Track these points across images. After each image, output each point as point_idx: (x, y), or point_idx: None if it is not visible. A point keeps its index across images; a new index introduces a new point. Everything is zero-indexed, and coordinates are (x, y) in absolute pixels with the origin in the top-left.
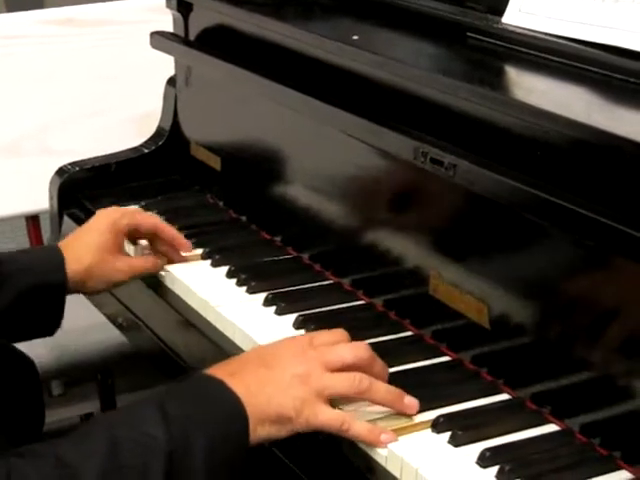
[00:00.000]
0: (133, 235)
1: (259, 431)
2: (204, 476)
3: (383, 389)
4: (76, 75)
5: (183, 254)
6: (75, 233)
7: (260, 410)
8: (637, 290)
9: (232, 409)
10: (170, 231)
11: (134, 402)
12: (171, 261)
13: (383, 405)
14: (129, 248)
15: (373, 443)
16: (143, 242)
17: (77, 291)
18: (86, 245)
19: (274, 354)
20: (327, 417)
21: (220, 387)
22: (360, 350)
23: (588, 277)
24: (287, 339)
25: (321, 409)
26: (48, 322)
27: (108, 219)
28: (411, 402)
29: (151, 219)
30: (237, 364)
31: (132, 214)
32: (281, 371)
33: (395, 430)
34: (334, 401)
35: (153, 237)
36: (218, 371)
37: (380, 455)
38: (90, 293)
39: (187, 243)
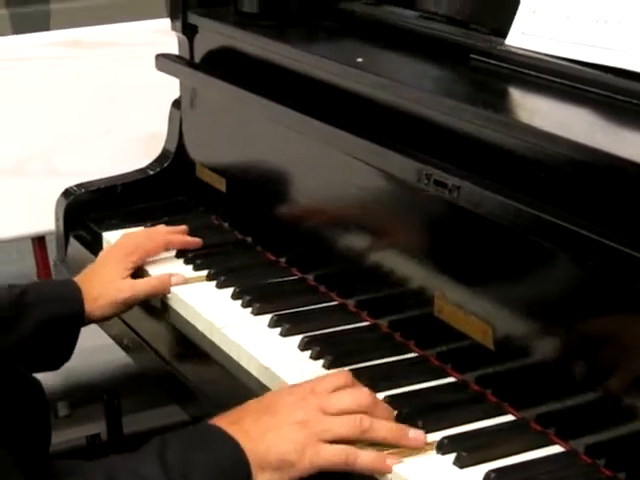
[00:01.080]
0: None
1: (260, 477)
2: None
3: (385, 427)
4: (82, 96)
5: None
6: (88, 269)
7: (260, 457)
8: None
9: (233, 456)
10: (180, 240)
11: (135, 452)
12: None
13: (385, 442)
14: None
15: (382, 471)
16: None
17: (90, 322)
18: (99, 280)
19: (276, 401)
20: (331, 453)
21: (220, 434)
22: (362, 396)
23: (592, 299)
24: (290, 386)
25: (323, 447)
26: (60, 354)
27: (120, 253)
28: (417, 435)
29: (160, 247)
30: (238, 413)
31: (144, 250)
32: (281, 418)
33: (400, 452)
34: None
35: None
36: (219, 420)
37: (386, 478)
38: (100, 320)
39: (196, 240)
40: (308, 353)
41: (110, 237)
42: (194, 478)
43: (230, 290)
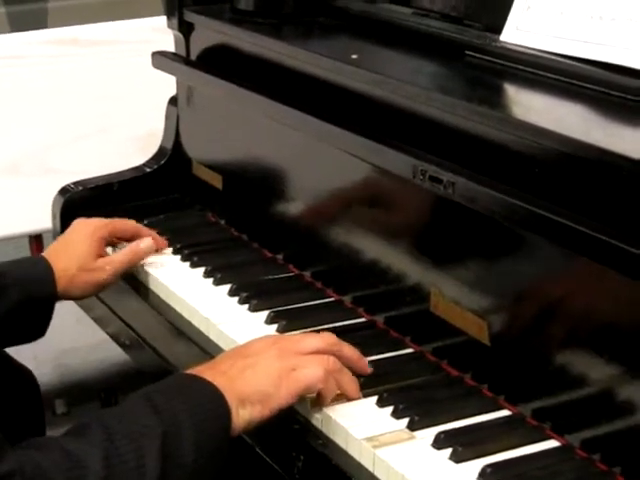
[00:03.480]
0: (113, 242)
1: (242, 414)
2: (193, 456)
3: (349, 375)
4: (79, 94)
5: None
6: (57, 243)
7: (239, 392)
8: (635, 306)
9: (211, 394)
10: (148, 233)
11: (120, 406)
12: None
13: (345, 392)
14: (109, 250)
15: (356, 395)
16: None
17: (65, 299)
18: (70, 256)
19: (248, 347)
20: (304, 375)
21: (196, 379)
22: (328, 337)
23: (587, 294)
24: (257, 337)
25: (299, 372)
26: (35, 330)
27: (89, 228)
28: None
29: (129, 226)
30: (213, 362)
31: (112, 224)
32: (256, 357)
33: (395, 442)
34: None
35: (132, 239)
36: (194, 370)
37: (381, 471)
38: (78, 299)
39: (164, 241)
40: None
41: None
42: (181, 421)
43: (227, 287)
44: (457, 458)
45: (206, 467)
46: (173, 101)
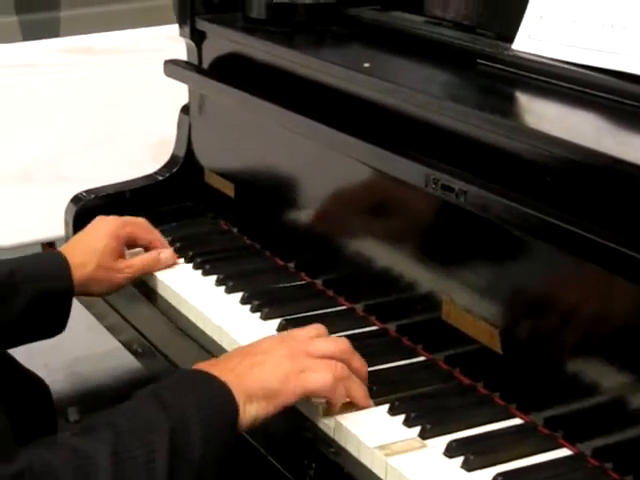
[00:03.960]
0: (130, 243)
1: (248, 409)
2: (201, 451)
3: (358, 384)
4: (90, 103)
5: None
6: (77, 239)
7: (247, 388)
8: None
9: (219, 389)
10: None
11: (131, 398)
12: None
13: (353, 399)
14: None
15: (365, 402)
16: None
17: (82, 294)
18: (89, 251)
19: (258, 345)
20: (314, 378)
21: (203, 374)
22: (342, 343)
23: (599, 302)
24: (266, 337)
25: (307, 375)
26: (54, 326)
27: (109, 226)
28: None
29: (150, 236)
30: (221, 358)
31: (133, 224)
32: (266, 355)
33: (407, 450)
34: None
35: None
36: (202, 365)
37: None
38: (94, 296)
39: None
40: None
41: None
42: (189, 416)
43: (239, 295)
44: (469, 467)
45: (213, 461)
46: (185, 109)
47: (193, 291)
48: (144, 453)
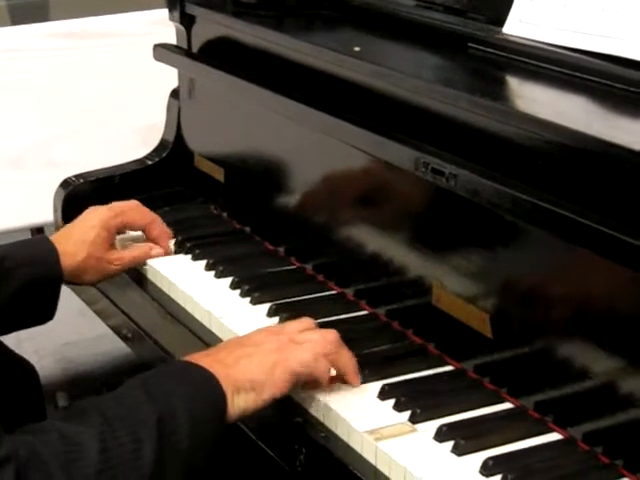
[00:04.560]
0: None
1: (236, 401)
2: (188, 441)
3: (347, 356)
4: (80, 87)
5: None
6: (67, 229)
7: (235, 379)
8: (637, 298)
9: (207, 381)
10: (158, 230)
11: (119, 387)
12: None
13: (341, 371)
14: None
15: (354, 376)
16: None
17: (72, 283)
18: (80, 241)
19: (248, 337)
20: (299, 360)
21: (192, 366)
22: (330, 334)
23: (589, 286)
24: (259, 328)
25: (292, 358)
26: (43, 313)
27: (100, 216)
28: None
29: (143, 221)
30: (211, 349)
31: (124, 214)
32: (254, 348)
33: (397, 434)
34: None
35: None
36: (191, 357)
37: (383, 464)
38: (84, 284)
39: (171, 233)
40: None
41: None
42: (177, 406)
43: (229, 280)
44: (459, 451)
45: (200, 451)
46: (175, 94)
47: (183, 276)
48: (131, 441)
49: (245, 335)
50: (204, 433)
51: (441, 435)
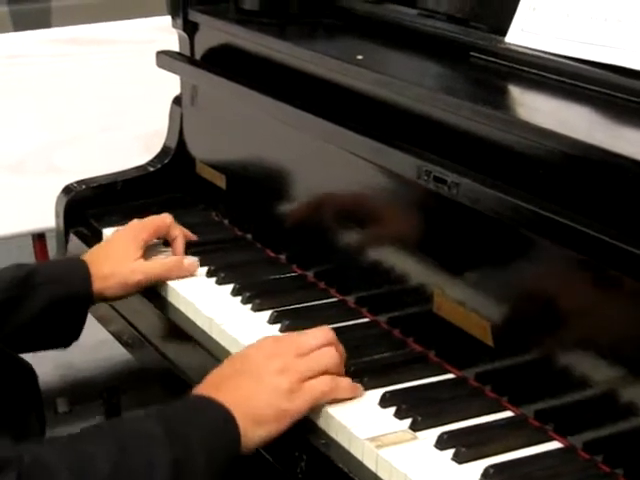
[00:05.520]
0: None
1: (258, 433)
2: None
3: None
4: (82, 94)
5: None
6: (97, 247)
7: (255, 413)
8: (638, 308)
9: (223, 420)
10: (181, 230)
11: (133, 418)
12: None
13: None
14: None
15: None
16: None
17: (100, 300)
18: (109, 258)
19: (249, 360)
20: (318, 386)
21: (209, 402)
22: (326, 332)
23: (591, 295)
24: (253, 345)
25: (309, 385)
26: (68, 333)
27: (129, 234)
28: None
29: (164, 226)
30: (216, 378)
31: (152, 230)
32: (261, 374)
33: (398, 442)
34: None
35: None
36: (204, 389)
37: (384, 472)
38: (111, 300)
39: (193, 236)
40: None
41: (110, 233)
42: (194, 450)
43: (230, 286)
44: (460, 459)
45: None
46: (177, 101)
47: (184, 282)
48: (144, 466)
49: (241, 357)
50: (219, 472)
51: (442, 443)
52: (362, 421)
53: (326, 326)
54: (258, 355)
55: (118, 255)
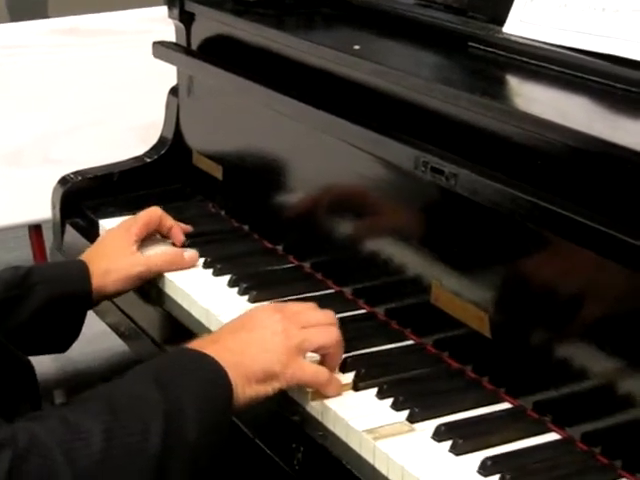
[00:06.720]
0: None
1: (247, 391)
2: (196, 434)
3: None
4: (79, 84)
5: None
6: (92, 246)
7: (246, 369)
8: (637, 298)
9: (215, 373)
10: (172, 222)
11: (125, 375)
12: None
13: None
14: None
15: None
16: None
17: (101, 298)
18: (105, 254)
19: (251, 318)
20: (312, 372)
21: (200, 355)
22: (329, 313)
23: (589, 286)
24: (257, 307)
25: (306, 365)
26: (66, 334)
27: (121, 229)
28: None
29: (155, 219)
30: (216, 334)
31: (142, 223)
32: (261, 331)
33: (395, 434)
34: None
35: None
36: (197, 343)
37: (381, 463)
38: (114, 296)
39: (186, 226)
40: None
41: (106, 224)
42: (185, 400)
43: (227, 278)
44: (457, 451)
45: (207, 445)
46: (174, 91)
47: (180, 274)
48: (137, 432)
49: (247, 316)
50: (211, 427)
51: (439, 434)
52: (359, 413)
53: (330, 310)
54: (263, 314)
55: (113, 251)
